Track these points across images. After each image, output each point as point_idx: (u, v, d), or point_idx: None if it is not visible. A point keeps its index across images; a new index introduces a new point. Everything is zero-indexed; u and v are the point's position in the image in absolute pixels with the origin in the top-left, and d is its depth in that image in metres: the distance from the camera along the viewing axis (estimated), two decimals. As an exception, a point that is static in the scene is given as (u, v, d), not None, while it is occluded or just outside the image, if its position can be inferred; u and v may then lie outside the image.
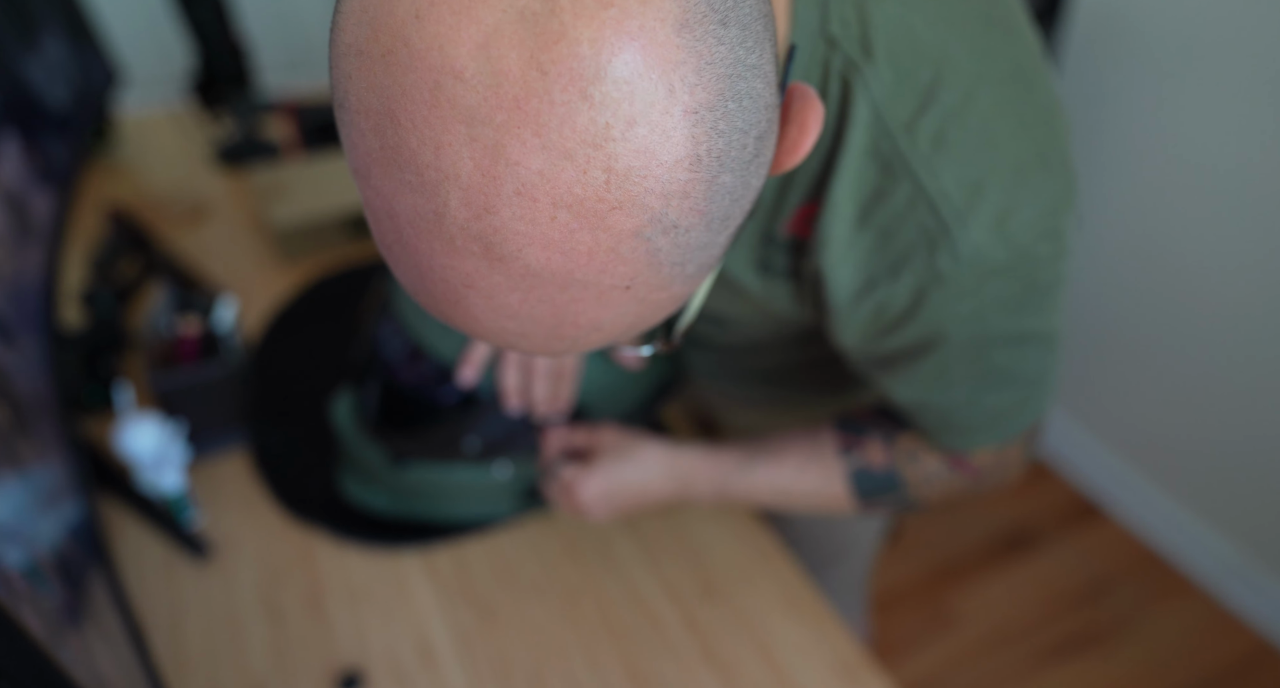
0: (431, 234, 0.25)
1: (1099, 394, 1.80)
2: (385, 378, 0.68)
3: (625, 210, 0.24)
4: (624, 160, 0.23)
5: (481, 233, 0.24)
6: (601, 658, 0.66)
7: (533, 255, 0.25)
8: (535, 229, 0.24)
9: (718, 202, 0.26)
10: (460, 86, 0.22)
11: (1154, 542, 1.77)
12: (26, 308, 0.62)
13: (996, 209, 0.42)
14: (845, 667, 0.67)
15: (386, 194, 0.25)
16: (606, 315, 0.28)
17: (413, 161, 0.24)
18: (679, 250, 0.27)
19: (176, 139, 1.24)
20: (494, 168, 0.23)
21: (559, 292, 0.26)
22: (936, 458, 0.58)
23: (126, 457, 0.67)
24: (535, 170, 0.23)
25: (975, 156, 0.41)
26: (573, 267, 0.25)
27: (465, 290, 0.27)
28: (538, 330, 0.28)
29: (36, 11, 0.77)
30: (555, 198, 0.23)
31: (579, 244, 0.25)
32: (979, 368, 0.49)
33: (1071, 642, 1.59)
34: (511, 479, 0.71)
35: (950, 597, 1.65)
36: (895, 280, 0.44)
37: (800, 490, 0.62)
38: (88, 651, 0.45)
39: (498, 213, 0.24)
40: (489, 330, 0.28)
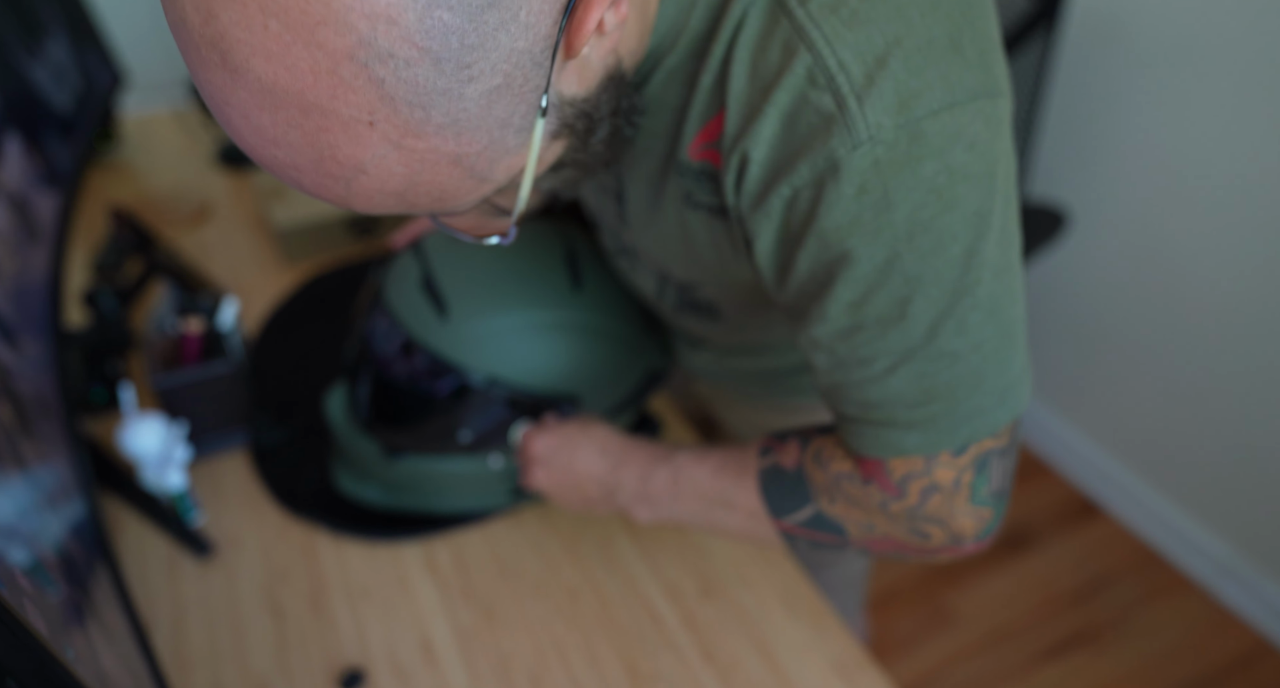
0: (186, 45, 0.27)
1: (1095, 394, 1.80)
2: (377, 372, 0.68)
3: (331, 27, 0.25)
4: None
5: (212, 39, 0.26)
6: (601, 656, 0.67)
7: (259, 67, 0.26)
8: (253, 37, 0.26)
9: (438, 38, 0.27)
10: None
11: (1151, 541, 1.78)
12: (30, 308, 0.62)
13: (899, 88, 0.37)
14: (844, 665, 0.67)
15: (166, 8, 0.28)
16: (365, 156, 0.29)
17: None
18: (407, 87, 0.28)
19: (179, 140, 1.24)
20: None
21: (302, 116, 0.27)
22: (846, 461, 0.51)
23: (130, 456, 0.68)
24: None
25: (878, 27, 0.37)
26: (301, 86, 0.27)
27: (225, 109, 0.28)
28: (303, 161, 0.29)
29: (41, 14, 0.77)
30: (263, 4, 0.25)
31: (298, 60, 0.26)
32: (896, 323, 0.43)
33: (1069, 640, 1.59)
34: (504, 470, 0.72)
35: (948, 595, 1.65)
36: (794, 171, 0.40)
37: (715, 492, 0.57)
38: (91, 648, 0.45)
39: (218, 17, 0.26)
40: (263, 159, 0.30)
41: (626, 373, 0.72)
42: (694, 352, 0.76)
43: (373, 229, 1.05)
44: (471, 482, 0.73)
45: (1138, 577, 1.72)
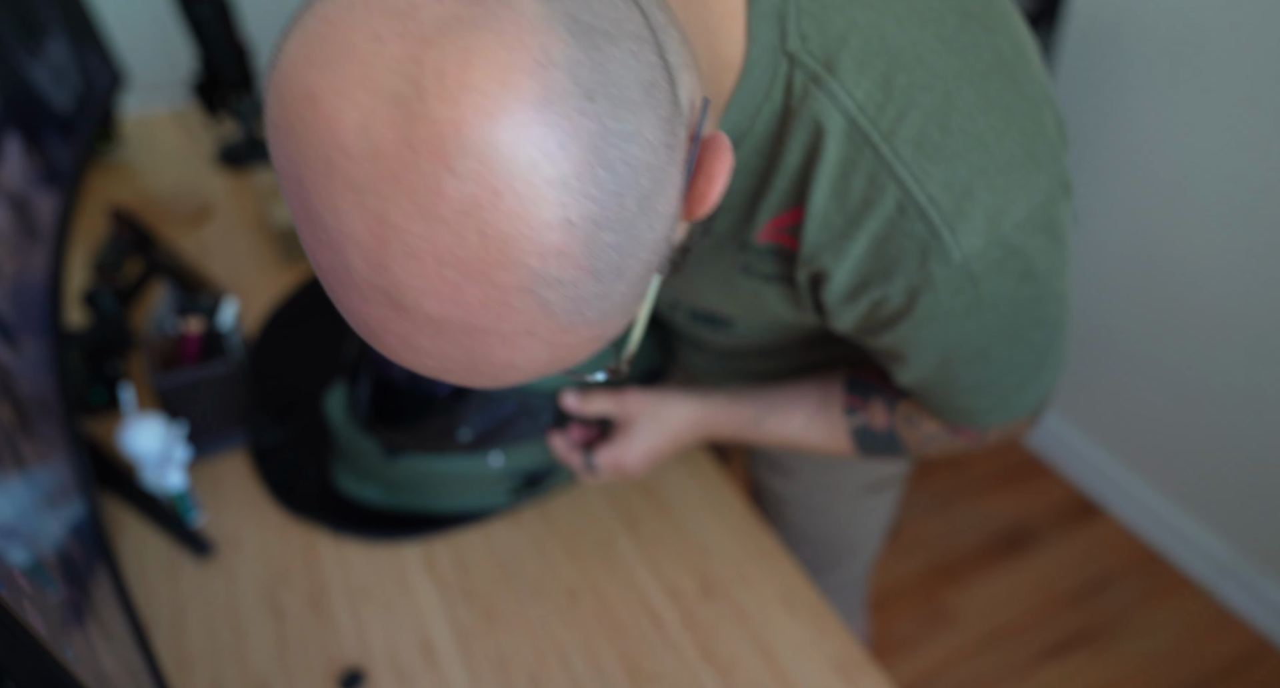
0: (345, 285, 0.28)
1: (1096, 394, 1.80)
2: (377, 371, 0.68)
3: (506, 268, 0.26)
4: (495, 225, 0.25)
5: (382, 286, 0.27)
6: (601, 656, 0.67)
7: (430, 306, 0.27)
8: (426, 284, 0.26)
9: (601, 257, 0.28)
10: (347, 161, 0.25)
11: (1151, 541, 1.78)
12: (30, 308, 0.62)
13: (987, 211, 0.41)
14: (844, 665, 0.67)
15: (312, 248, 0.28)
16: (518, 356, 0.30)
17: (320, 222, 0.27)
18: (571, 301, 0.28)
19: (179, 140, 1.24)
20: (382, 231, 0.25)
21: (464, 336, 0.28)
22: (935, 424, 0.60)
23: (130, 456, 0.68)
24: (417, 234, 0.25)
25: (961, 158, 0.41)
26: (469, 316, 0.27)
27: (383, 333, 0.29)
28: (456, 367, 0.30)
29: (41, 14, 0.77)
30: (438, 257, 0.26)
31: (469, 297, 0.27)
32: (981, 358, 0.50)
33: (1069, 640, 1.59)
34: (505, 469, 0.72)
35: (948, 595, 1.65)
36: (889, 282, 0.45)
37: (807, 441, 0.67)
38: (91, 648, 0.45)
39: (391, 270, 0.26)
40: (414, 365, 0.31)
41: (627, 375, 0.72)
42: (698, 352, 0.76)
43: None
44: (471, 481, 0.73)
45: (1138, 577, 1.72)
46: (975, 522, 1.80)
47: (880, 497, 0.85)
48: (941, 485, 1.87)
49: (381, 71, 0.24)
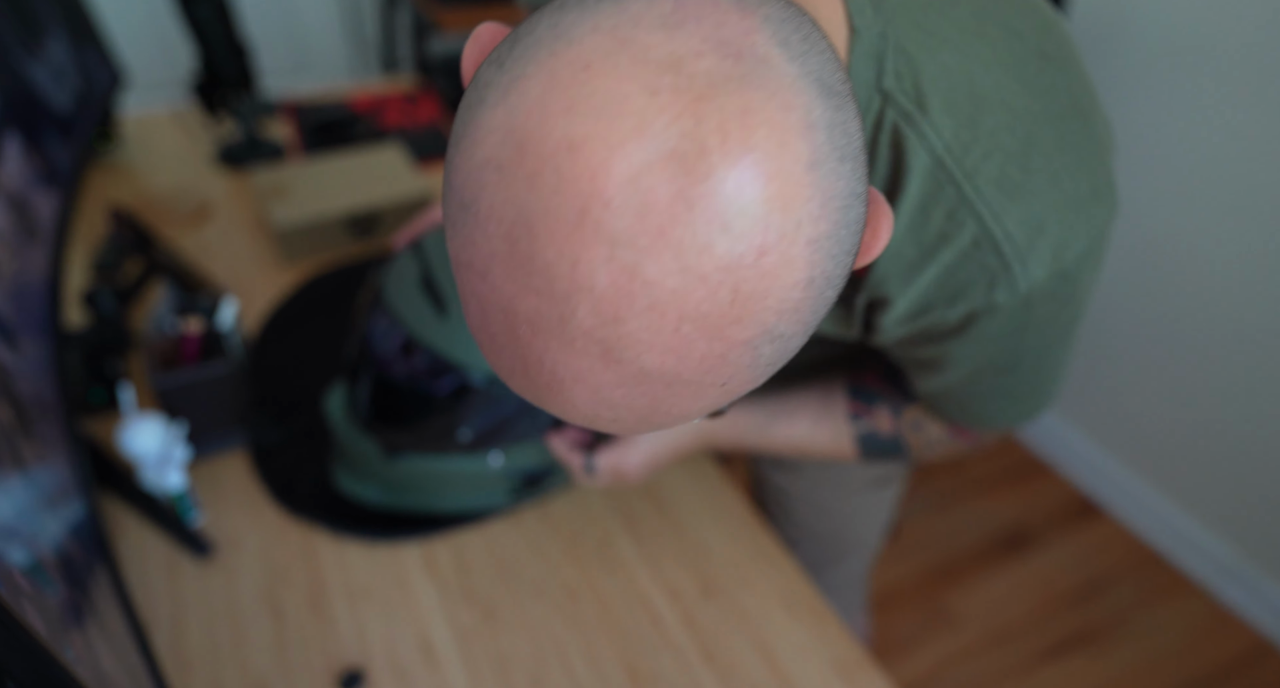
0: (550, 334, 0.27)
1: (1097, 394, 1.80)
2: (378, 371, 0.68)
3: (743, 324, 0.26)
4: (750, 283, 0.25)
5: (604, 339, 0.26)
6: (601, 657, 0.67)
7: (650, 360, 0.27)
8: (659, 339, 0.26)
9: (819, 312, 0.29)
10: (607, 213, 0.24)
11: (1151, 541, 1.78)
12: (30, 308, 0.62)
13: (1054, 245, 0.43)
14: (844, 666, 0.67)
15: (506, 293, 0.27)
16: (697, 406, 0.30)
17: (545, 271, 0.25)
18: (778, 354, 0.29)
19: (179, 140, 1.24)
20: (629, 285, 0.25)
21: (664, 389, 0.28)
22: (939, 428, 0.62)
23: (129, 456, 0.68)
24: (669, 289, 0.25)
25: (1037, 197, 0.43)
26: (683, 369, 0.27)
27: (573, 384, 0.28)
28: (630, 418, 0.30)
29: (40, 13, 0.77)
30: (683, 313, 0.25)
31: (695, 351, 0.27)
32: (1011, 369, 0.52)
33: (1069, 641, 1.59)
34: (504, 469, 0.72)
35: (949, 596, 1.65)
36: (950, 308, 0.47)
37: (810, 447, 0.68)
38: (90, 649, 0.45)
39: (625, 323, 0.26)
40: (584, 416, 0.30)
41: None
42: None
43: (372, 229, 1.05)
44: (471, 481, 0.72)
45: (1138, 577, 1.71)
46: (975, 522, 1.80)
47: (883, 492, 0.86)
48: (941, 486, 1.87)
49: (659, 126, 0.24)
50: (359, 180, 1.07)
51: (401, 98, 1.37)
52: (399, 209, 1.05)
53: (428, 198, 1.06)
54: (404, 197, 1.05)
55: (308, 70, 2.48)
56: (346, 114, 1.26)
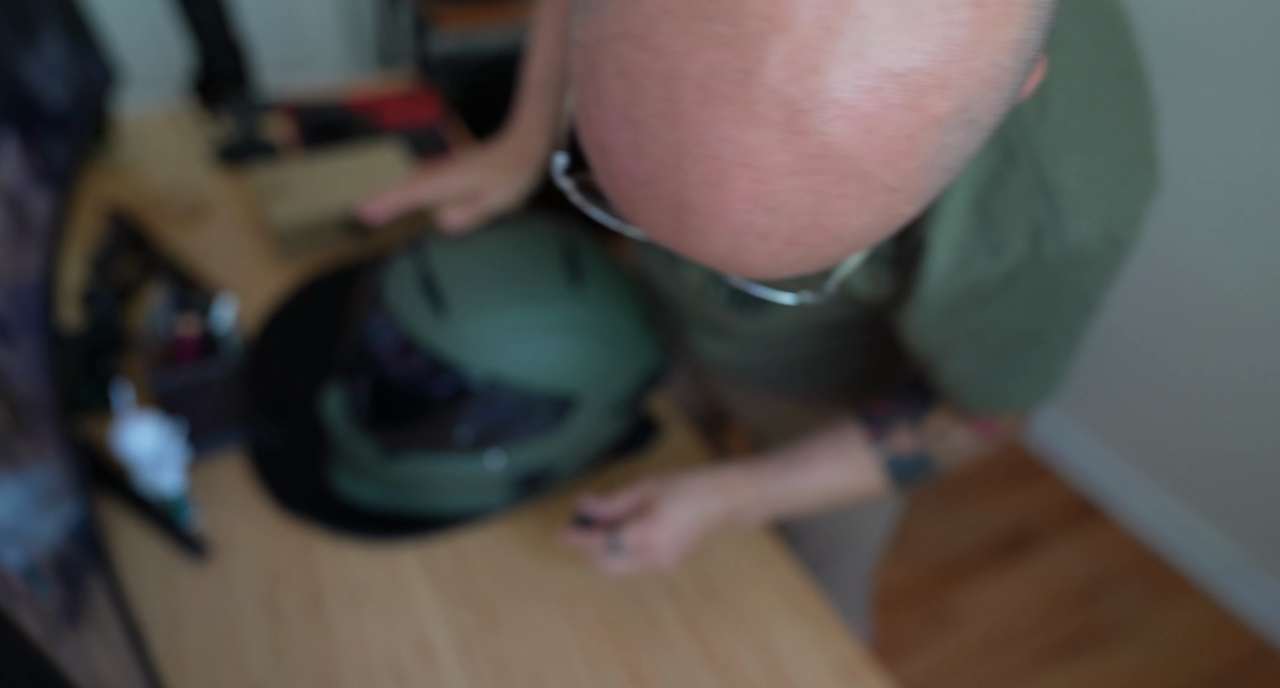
0: (725, 98, 0.23)
1: (1100, 394, 1.80)
2: (375, 372, 0.68)
3: (946, 90, 0.23)
4: (966, 29, 0.22)
5: (793, 98, 0.23)
6: (601, 658, 0.66)
7: (837, 130, 0.23)
8: (855, 97, 0.23)
9: (1002, 107, 0.25)
10: None
11: (1154, 542, 1.77)
12: (25, 308, 0.62)
13: (1104, 203, 0.42)
14: (845, 667, 0.67)
15: (674, 53, 0.23)
16: (856, 222, 0.26)
17: (736, 9, 0.22)
18: (958, 153, 0.26)
19: (175, 139, 1.24)
20: (839, 21, 0.21)
21: (836, 182, 0.25)
22: (964, 430, 0.61)
23: (125, 457, 0.67)
24: (881, 26, 0.21)
25: (1095, 151, 0.42)
26: (868, 151, 0.24)
27: (736, 170, 0.24)
28: (782, 230, 0.26)
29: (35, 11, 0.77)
30: (888, 64, 0.22)
31: (888, 122, 0.23)
32: (1039, 341, 0.51)
33: (1072, 642, 1.59)
34: (504, 470, 0.71)
35: (950, 597, 1.65)
36: (993, 262, 0.45)
37: (839, 489, 0.65)
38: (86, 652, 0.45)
39: (824, 74, 0.22)
40: (733, 226, 0.26)
41: (625, 371, 0.71)
42: (715, 341, 0.76)
43: (370, 229, 1.05)
44: (470, 482, 0.72)
45: (1140, 579, 1.71)
46: (977, 523, 1.80)
47: None
48: (943, 487, 1.87)
49: None
50: (357, 179, 1.06)
51: (400, 97, 1.36)
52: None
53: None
54: (403, 196, 1.04)
55: (305, 66, 2.48)
56: (344, 113, 1.26)
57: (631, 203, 0.28)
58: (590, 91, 0.26)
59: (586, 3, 0.26)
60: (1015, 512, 1.82)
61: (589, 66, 0.26)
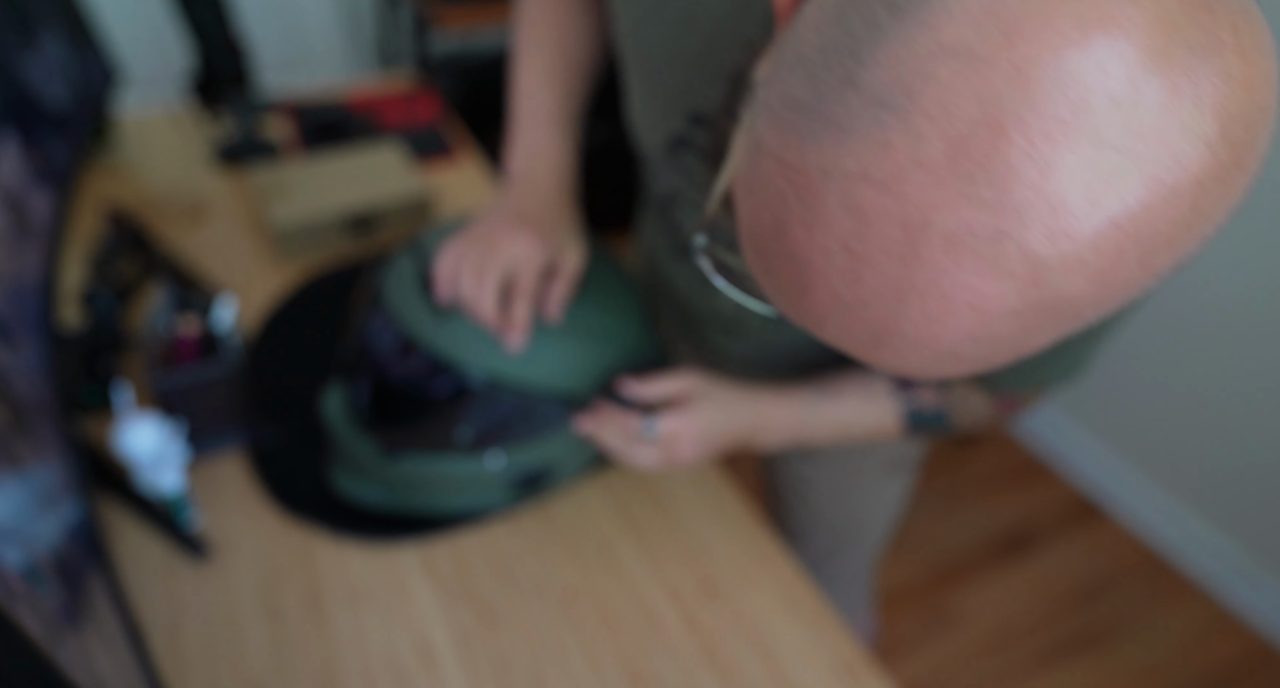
0: (972, 252, 0.24)
1: (1100, 393, 1.80)
2: (376, 372, 0.68)
3: (1172, 249, 0.24)
4: (1209, 198, 0.23)
5: (1044, 258, 0.23)
6: (601, 658, 0.66)
7: (1074, 285, 0.24)
8: (1100, 259, 0.24)
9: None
10: (1108, 111, 0.22)
11: (1154, 542, 1.77)
12: (25, 308, 0.62)
13: None
14: (845, 667, 0.67)
15: (922, 204, 0.24)
16: (1050, 337, 0.27)
17: (1002, 179, 0.23)
18: (1153, 278, 0.26)
19: (175, 139, 1.24)
20: (1102, 197, 0.22)
21: (1050, 320, 0.26)
22: (984, 398, 0.63)
23: (125, 457, 0.67)
24: (1141, 203, 0.22)
25: None
26: (1092, 299, 0.25)
27: (964, 311, 0.25)
28: (981, 355, 0.27)
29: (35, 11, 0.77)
30: (1138, 233, 0.23)
31: (1118, 278, 0.24)
32: None
33: (1072, 642, 1.59)
34: (504, 470, 0.71)
35: (950, 597, 1.65)
36: None
37: (858, 426, 0.68)
38: (86, 652, 0.45)
39: (1079, 240, 0.23)
40: (936, 352, 0.27)
41: (625, 371, 0.71)
42: (732, 340, 0.76)
43: (370, 229, 1.05)
44: (471, 482, 0.72)
45: (1141, 579, 1.71)
46: (977, 523, 1.80)
47: (898, 478, 0.86)
48: (943, 486, 1.87)
49: (1176, 12, 0.22)
50: (357, 179, 1.06)
51: (400, 97, 1.36)
52: (398, 208, 1.05)
53: (426, 197, 1.06)
54: (402, 196, 1.04)
55: (305, 66, 2.48)
56: (344, 113, 1.26)
57: (822, 316, 0.28)
58: (798, 213, 0.27)
59: (794, 124, 0.26)
60: (1015, 512, 1.82)
61: (801, 190, 0.26)
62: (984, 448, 1.96)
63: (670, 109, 0.60)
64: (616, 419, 0.67)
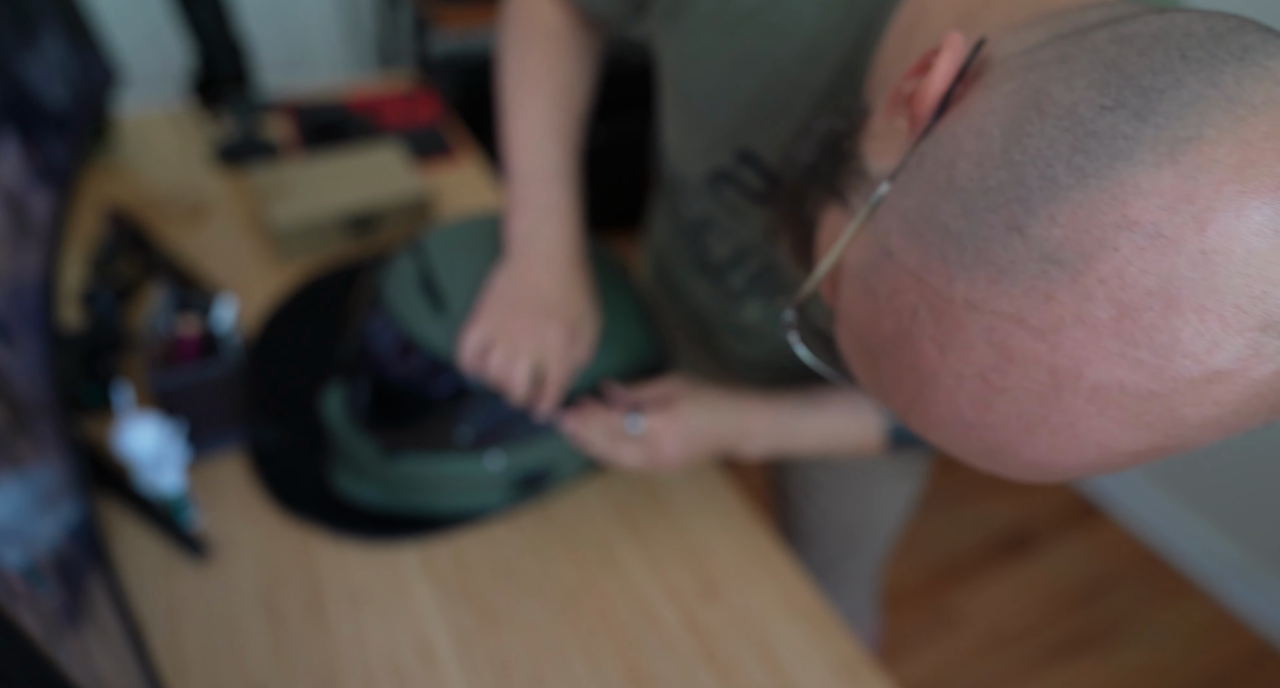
0: (1119, 406, 0.25)
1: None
2: (376, 372, 0.68)
3: None
4: None
5: (1186, 419, 0.25)
6: (601, 658, 0.66)
7: (1204, 438, 0.26)
8: (1235, 421, 0.25)
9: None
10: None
11: (1154, 542, 1.77)
12: (26, 308, 0.62)
13: None
14: (845, 667, 0.67)
15: (1077, 357, 0.25)
16: None
17: (1166, 348, 0.23)
18: None
19: (175, 139, 1.24)
20: (1256, 370, 0.23)
21: (1163, 457, 0.27)
22: None
23: (126, 457, 0.67)
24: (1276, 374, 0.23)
25: None
26: (1211, 441, 0.26)
27: (1092, 450, 0.26)
28: (1086, 477, 0.29)
29: (35, 10, 0.77)
30: (1267, 397, 0.24)
31: (1245, 428, 0.25)
32: None
33: (1072, 642, 1.59)
34: (504, 470, 0.71)
35: (951, 597, 1.65)
36: None
37: (840, 440, 0.67)
38: (86, 652, 0.45)
39: (1223, 405, 0.24)
40: (1046, 473, 0.28)
41: (624, 372, 0.71)
42: (744, 344, 0.76)
43: (370, 229, 1.05)
44: (470, 482, 0.72)
45: (1141, 579, 1.71)
46: (977, 523, 1.80)
47: (907, 483, 0.86)
48: (943, 486, 1.87)
49: None
50: (357, 180, 1.06)
51: (400, 97, 1.36)
52: (397, 209, 1.05)
53: (426, 197, 1.06)
54: (402, 196, 1.04)
55: (305, 66, 2.48)
56: (344, 113, 1.26)
57: (934, 423, 0.29)
58: (931, 332, 0.27)
59: (941, 250, 0.27)
60: (1015, 512, 1.82)
61: (940, 314, 0.27)
62: (984, 448, 1.96)
63: (717, 144, 0.59)
64: (601, 417, 0.67)
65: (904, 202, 0.29)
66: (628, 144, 2.33)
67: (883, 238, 0.30)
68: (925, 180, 0.28)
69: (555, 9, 0.70)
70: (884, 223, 0.30)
